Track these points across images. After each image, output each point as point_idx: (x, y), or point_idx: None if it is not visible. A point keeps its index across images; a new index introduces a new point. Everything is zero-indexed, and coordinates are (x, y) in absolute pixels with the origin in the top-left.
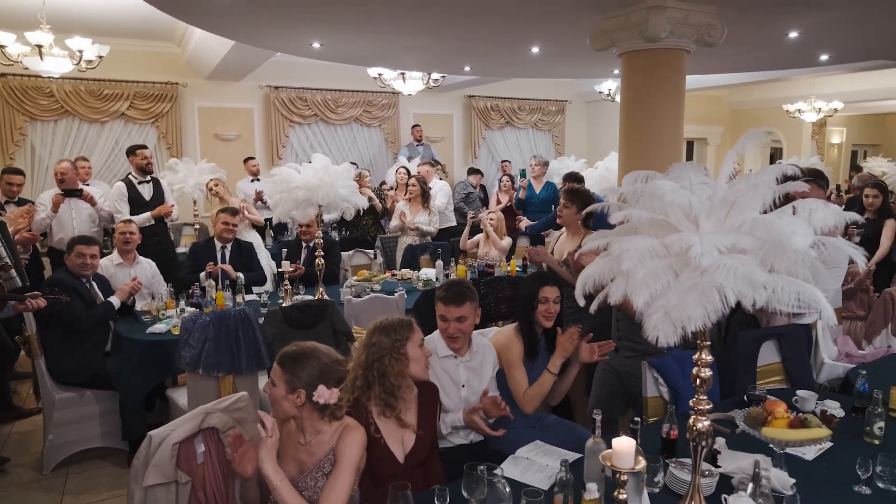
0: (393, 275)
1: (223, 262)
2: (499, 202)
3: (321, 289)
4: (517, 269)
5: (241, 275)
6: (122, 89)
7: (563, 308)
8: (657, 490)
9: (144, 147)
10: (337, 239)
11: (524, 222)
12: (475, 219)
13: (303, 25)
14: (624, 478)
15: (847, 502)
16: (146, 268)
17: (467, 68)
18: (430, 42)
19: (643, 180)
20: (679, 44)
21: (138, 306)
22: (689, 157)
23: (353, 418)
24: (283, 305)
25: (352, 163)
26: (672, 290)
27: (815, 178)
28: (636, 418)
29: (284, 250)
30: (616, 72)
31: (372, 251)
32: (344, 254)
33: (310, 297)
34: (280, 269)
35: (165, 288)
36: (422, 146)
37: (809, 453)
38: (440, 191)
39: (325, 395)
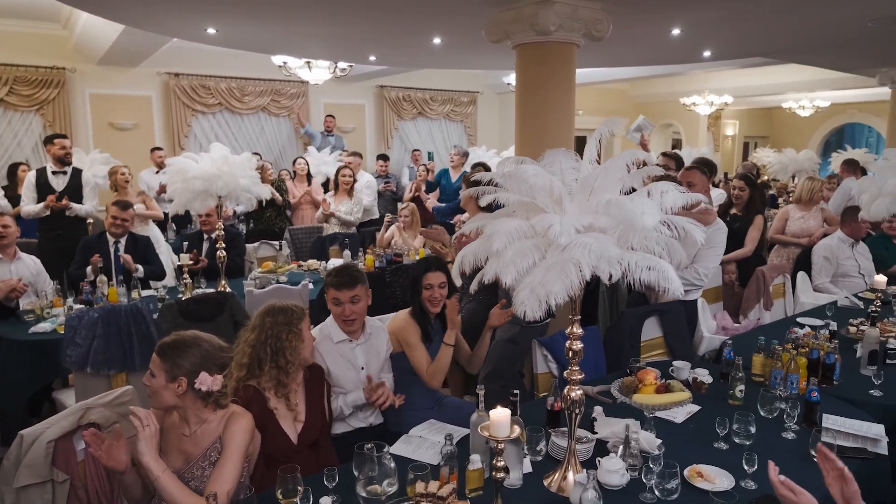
0: (299, 265)
1: (115, 257)
2: (412, 191)
3: (223, 281)
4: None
5: (140, 267)
6: (0, 73)
7: (452, 291)
8: (540, 458)
9: (63, 136)
10: (244, 231)
11: (431, 201)
12: (391, 221)
13: (195, 9)
14: (501, 446)
15: (707, 457)
16: (29, 264)
17: (372, 58)
18: (332, 30)
19: (514, 165)
20: (568, 37)
21: (23, 305)
22: None
23: (244, 401)
24: (182, 299)
25: (254, 153)
26: (538, 267)
27: (701, 165)
28: (515, 391)
29: (185, 243)
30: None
31: (278, 243)
32: (249, 246)
33: (211, 291)
34: (179, 262)
35: (51, 285)
36: (332, 136)
37: (679, 416)
38: (366, 187)
39: (207, 381)
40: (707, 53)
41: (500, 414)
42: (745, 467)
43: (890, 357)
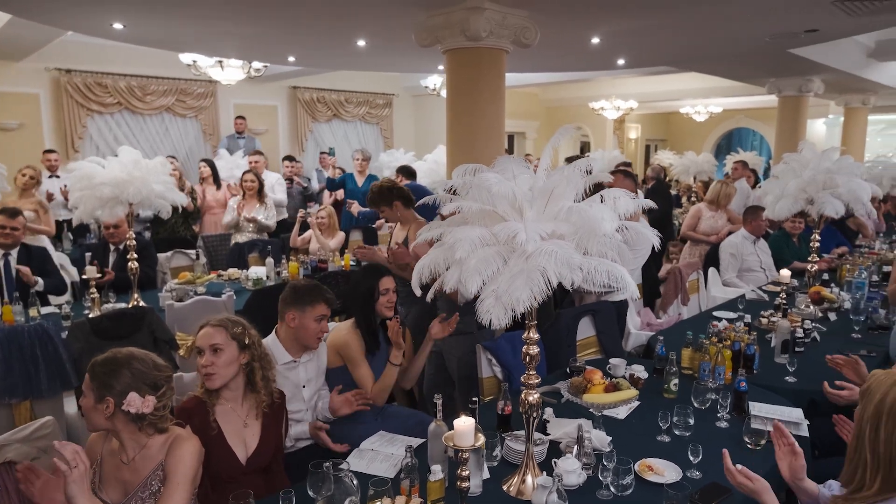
0: (219, 275)
1: (6, 271)
2: (331, 195)
3: (136, 295)
4: (351, 263)
5: (40, 280)
6: None
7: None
8: (496, 463)
9: None
10: (150, 239)
11: (355, 206)
12: (304, 217)
13: (101, 2)
14: (466, 455)
15: (652, 451)
16: None
17: (292, 59)
18: (249, 29)
19: (472, 173)
20: (498, 44)
21: None
22: (510, 150)
23: (188, 420)
24: (91, 316)
25: (170, 157)
26: (501, 275)
27: (625, 169)
28: (474, 398)
29: (88, 254)
30: (441, 67)
31: (193, 251)
32: (161, 255)
33: (123, 305)
34: (85, 276)
35: None
36: (243, 138)
37: (622, 413)
38: (278, 184)
39: (136, 403)
40: (621, 61)
41: (464, 423)
42: (691, 458)
43: (798, 346)
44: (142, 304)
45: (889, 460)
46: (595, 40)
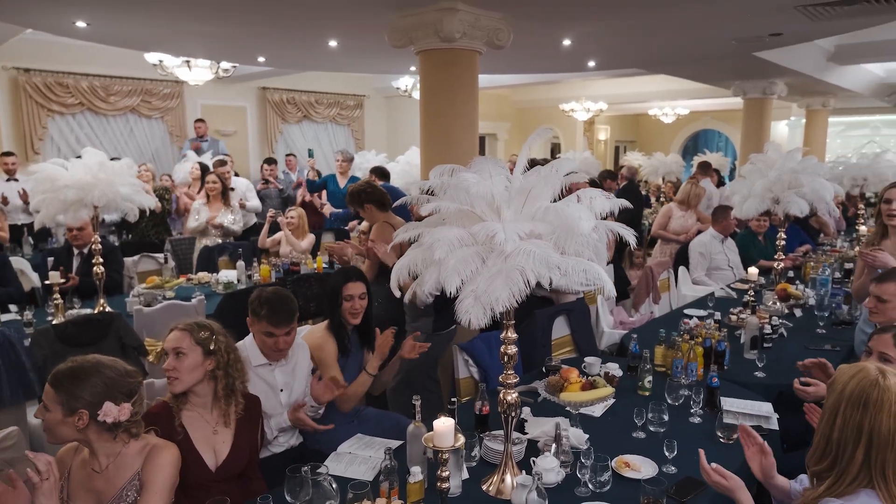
0: (188, 279)
1: None
2: (301, 197)
3: (102, 300)
4: (323, 265)
5: None
6: None
7: (370, 303)
8: (475, 463)
9: None
10: (117, 243)
11: (328, 208)
12: (274, 217)
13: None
14: (445, 456)
15: (628, 447)
16: None
17: (261, 59)
18: (218, 28)
19: (449, 173)
20: (471, 45)
21: None
22: (482, 152)
23: (154, 424)
24: (55, 322)
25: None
26: (480, 275)
27: (608, 173)
28: (453, 399)
29: (51, 259)
30: (413, 68)
31: (162, 255)
32: (128, 259)
33: (89, 311)
34: (48, 281)
35: None
36: (206, 141)
37: (598, 410)
38: (249, 191)
39: (113, 412)
40: (592, 63)
41: (444, 424)
42: (666, 453)
43: (767, 341)
44: (108, 309)
45: (844, 447)
46: (566, 42)
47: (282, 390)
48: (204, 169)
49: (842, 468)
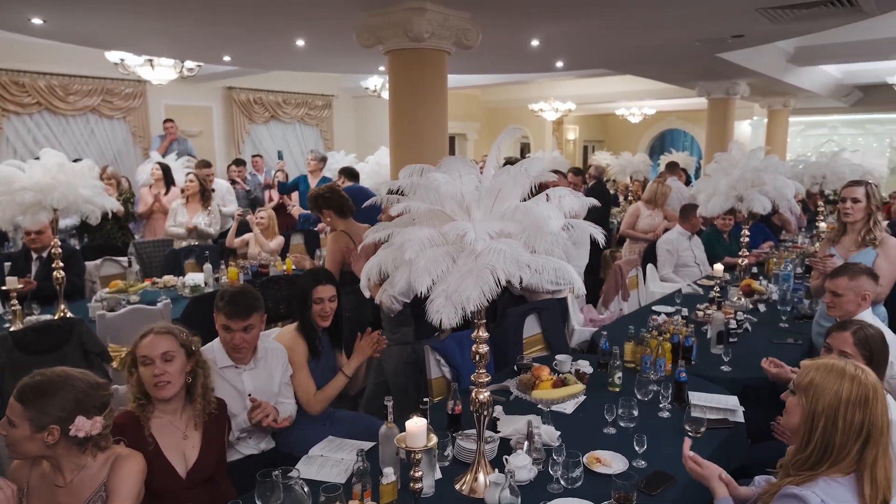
0: (154, 283)
1: None
2: (270, 199)
3: (63, 306)
4: (293, 267)
5: None
6: None
7: (341, 304)
8: (447, 463)
9: None
10: (78, 247)
11: (297, 209)
12: (242, 216)
13: None
14: (418, 456)
15: (599, 443)
16: None
17: (227, 58)
18: (181, 27)
19: (419, 173)
20: (440, 45)
21: None
22: (452, 151)
23: (122, 436)
24: (13, 329)
25: (105, 167)
26: (451, 274)
27: (577, 172)
28: (425, 399)
29: (8, 264)
30: (381, 68)
31: (125, 259)
32: (90, 264)
33: (49, 317)
34: (5, 287)
35: None
36: (175, 140)
37: (569, 407)
38: (228, 193)
39: (85, 427)
40: (560, 63)
41: (417, 424)
42: (636, 448)
43: (732, 336)
44: (69, 315)
45: (844, 445)
46: (535, 43)
47: (250, 395)
48: (166, 170)
49: (831, 462)
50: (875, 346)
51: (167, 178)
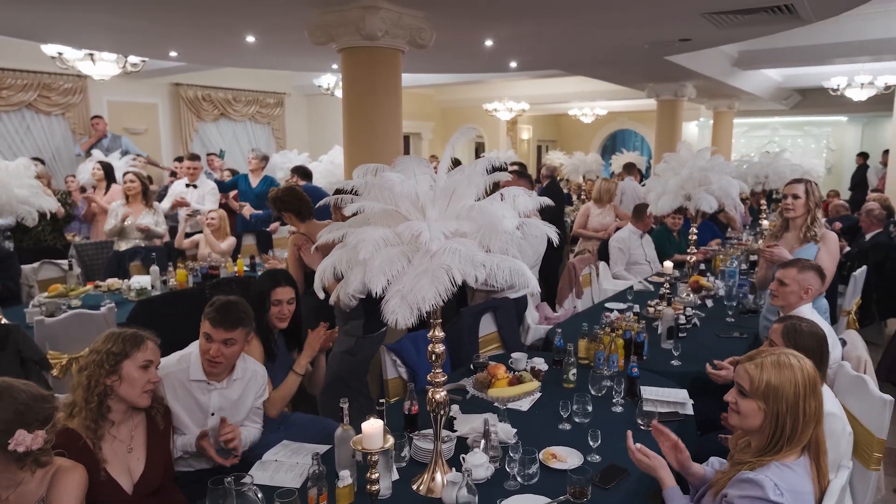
0: (97, 286)
1: None
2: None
3: None
4: (245, 268)
5: None
6: None
7: (299, 306)
8: (404, 464)
9: None
10: (12, 248)
11: (247, 209)
12: (192, 217)
13: None
14: (375, 458)
15: (555, 439)
16: None
17: (174, 53)
18: (124, 20)
19: (373, 173)
20: (394, 44)
21: None
22: (407, 151)
23: (63, 448)
24: None
25: (35, 159)
26: (406, 274)
27: (520, 169)
28: (381, 400)
29: None
30: (335, 66)
31: (66, 261)
32: (27, 267)
33: None
34: None
35: None
36: (106, 138)
37: (525, 404)
38: (210, 194)
39: (26, 441)
40: (513, 64)
41: (373, 426)
42: (591, 443)
43: (682, 331)
44: (4, 321)
45: (804, 431)
46: (488, 43)
47: (213, 414)
48: (107, 169)
49: (790, 447)
50: (801, 342)
51: (108, 177)
